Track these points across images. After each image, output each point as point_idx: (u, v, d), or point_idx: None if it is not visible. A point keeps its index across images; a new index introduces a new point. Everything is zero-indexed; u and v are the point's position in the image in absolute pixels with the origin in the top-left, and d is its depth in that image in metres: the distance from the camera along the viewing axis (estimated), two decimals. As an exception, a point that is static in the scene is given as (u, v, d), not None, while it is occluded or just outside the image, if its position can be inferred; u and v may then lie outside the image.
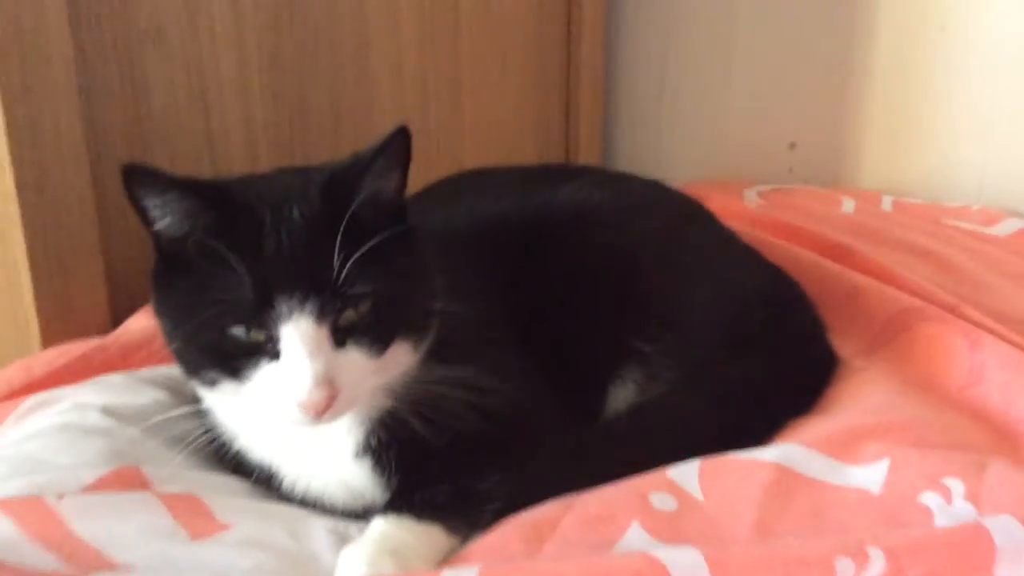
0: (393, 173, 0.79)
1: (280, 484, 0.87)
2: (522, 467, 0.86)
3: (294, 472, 0.87)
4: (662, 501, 0.83)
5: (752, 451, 0.88)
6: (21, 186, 0.98)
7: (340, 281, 0.74)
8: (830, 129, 1.80)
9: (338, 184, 0.78)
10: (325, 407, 0.74)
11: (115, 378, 0.96)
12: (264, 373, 0.75)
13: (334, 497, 0.87)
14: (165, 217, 0.76)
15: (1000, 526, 0.70)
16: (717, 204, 1.53)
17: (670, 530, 0.80)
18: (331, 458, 0.85)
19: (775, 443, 0.92)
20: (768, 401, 0.97)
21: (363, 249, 0.74)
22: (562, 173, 1.12)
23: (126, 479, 0.82)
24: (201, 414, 0.87)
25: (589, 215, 1.02)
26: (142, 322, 1.06)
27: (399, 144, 0.78)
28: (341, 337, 0.76)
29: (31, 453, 0.84)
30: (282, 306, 0.74)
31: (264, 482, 0.88)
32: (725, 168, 1.90)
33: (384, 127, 1.41)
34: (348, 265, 0.74)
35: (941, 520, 0.78)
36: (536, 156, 1.80)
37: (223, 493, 0.85)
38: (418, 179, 1.51)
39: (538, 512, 0.82)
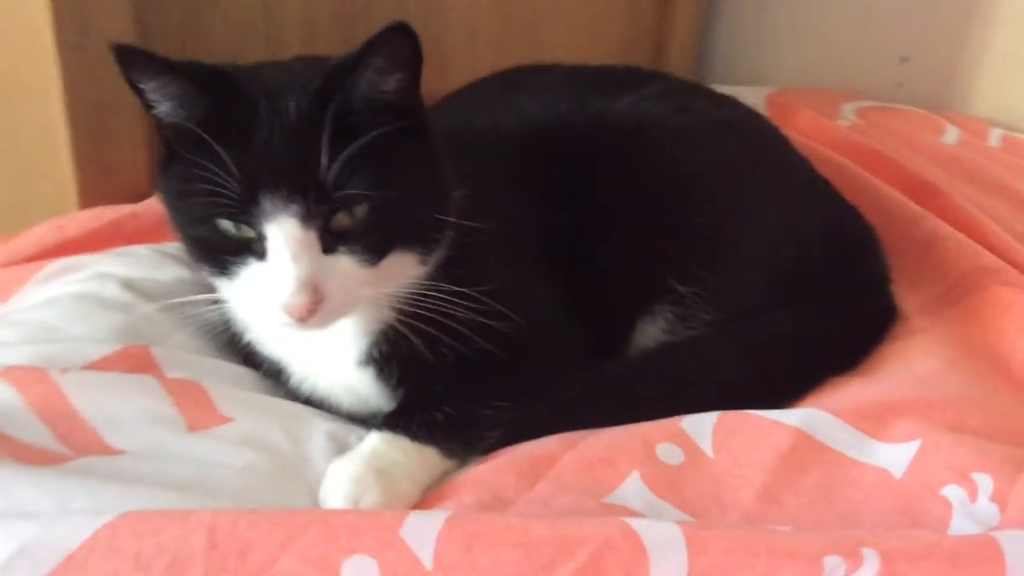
0: (392, 74, 0.73)
1: (288, 381, 0.86)
2: (531, 397, 0.83)
3: (301, 371, 0.86)
4: (669, 453, 0.80)
5: (776, 412, 0.83)
6: (61, 44, 0.95)
7: (328, 182, 0.70)
8: (946, 46, 1.65)
9: (333, 80, 0.72)
10: (308, 312, 0.71)
11: (140, 250, 0.95)
12: (251, 272, 0.73)
13: (340, 400, 0.86)
14: (161, 102, 0.73)
15: (1015, 543, 0.64)
16: (806, 119, 1.45)
17: (670, 485, 0.77)
18: (336, 363, 0.84)
19: (804, 404, 0.87)
20: (807, 355, 0.91)
21: (351, 149, 0.70)
22: (628, 78, 1.04)
23: (134, 359, 0.82)
24: (218, 300, 0.86)
25: (646, 132, 0.95)
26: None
27: (395, 43, 0.71)
28: (332, 242, 0.72)
29: (45, 320, 0.85)
30: (266, 203, 0.70)
31: (273, 376, 0.87)
32: (829, 76, 1.77)
33: (454, 13, 1.37)
34: (337, 165, 0.70)
35: (959, 519, 0.73)
36: (622, 50, 1.70)
37: (230, 384, 0.84)
38: (494, 65, 1.44)
39: (538, 446, 0.80)
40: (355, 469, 0.75)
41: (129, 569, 0.59)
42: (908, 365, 0.92)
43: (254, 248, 0.72)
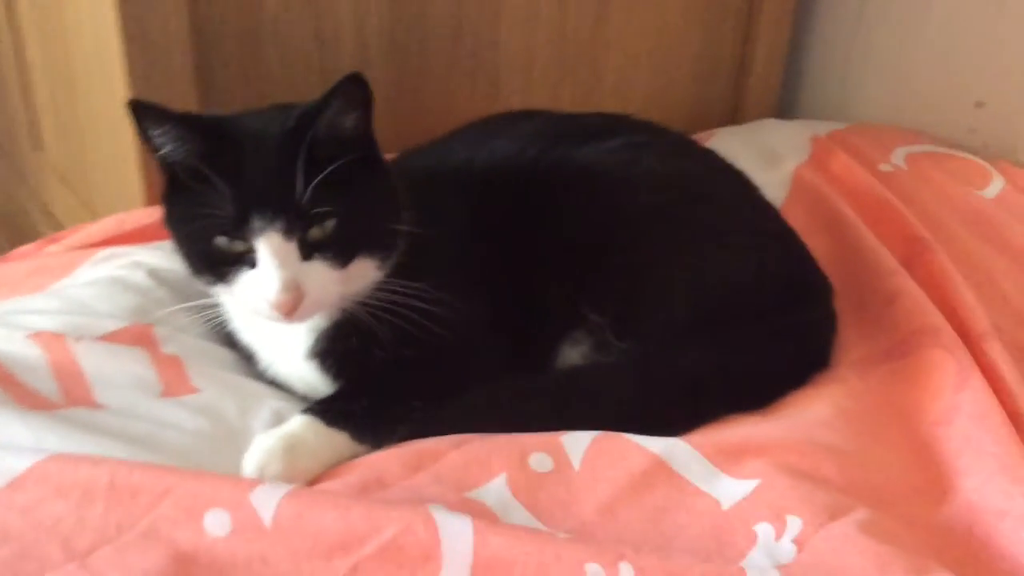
0: (350, 113, 0.91)
1: (257, 365, 1.05)
2: (444, 401, 0.98)
3: (267, 358, 1.04)
4: (540, 462, 0.92)
5: (648, 438, 0.93)
6: (132, 75, 1.17)
7: (303, 202, 0.88)
8: (1022, 93, 1.63)
9: (304, 120, 0.90)
10: (292, 308, 0.90)
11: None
12: (245, 279, 0.92)
13: (294, 385, 1.04)
14: (165, 145, 0.92)
15: (764, 578, 0.73)
16: (840, 164, 1.50)
17: (529, 490, 0.89)
18: (291, 354, 1.02)
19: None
20: (706, 392, 1.00)
21: (321, 176, 0.87)
22: (603, 129, 1.14)
23: (138, 335, 1.03)
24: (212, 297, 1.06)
25: (590, 178, 1.07)
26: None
27: (351, 90, 0.90)
28: (308, 251, 0.90)
29: (81, 297, 1.07)
30: (256, 221, 0.89)
31: (247, 360, 1.06)
32: (907, 116, 1.79)
33: (509, 40, 1.51)
34: (310, 189, 0.88)
35: (756, 553, 0.81)
36: (695, 81, 1.76)
37: (208, 363, 1.04)
38: (548, 93, 1.54)
39: (431, 442, 0.94)
40: (271, 443, 0.92)
41: (52, 496, 0.79)
42: (803, 411, 1.00)
43: (246, 259, 0.90)
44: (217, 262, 0.93)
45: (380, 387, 0.98)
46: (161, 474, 0.80)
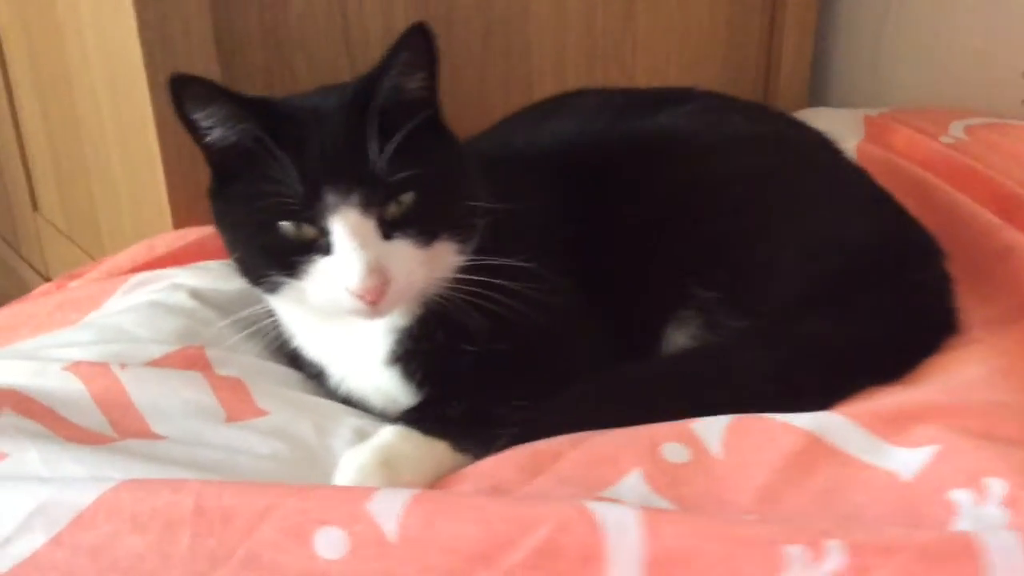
0: (415, 72, 0.81)
1: (327, 382, 0.93)
2: (549, 396, 0.86)
3: (338, 372, 0.92)
4: (675, 452, 0.80)
5: (790, 415, 0.82)
6: (154, 86, 1.07)
7: (379, 172, 0.78)
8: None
9: (366, 85, 0.81)
10: (378, 294, 0.78)
11: (213, 264, 1.05)
12: (319, 267, 0.80)
13: (371, 399, 0.91)
14: (214, 128, 0.81)
15: (999, 543, 0.61)
16: (903, 138, 1.41)
17: (669, 482, 0.77)
18: (367, 363, 0.90)
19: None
20: (841, 363, 0.89)
21: (395, 140, 0.78)
22: (668, 98, 1.05)
23: (190, 358, 0.91)
24: (270, 310, 0.94)
25: (674, 145, 0.97)
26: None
27: (416, 43, 0.80)
28: (388, 230, 0.80)
29: (119, 324, 0.95)
30: (329, 197, 0.78)
31: (315, 378, 0.94)
32: (948, 95, 1.70)
33: (540, 42, 1.43)
34: (385, 156, 0.78)
35: (962, 522, 0.69)
36: (723, 77, 1.69)
37: (271, 382, 0.91)
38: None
39: (545, 444, 0.82)
40: (363, 459, 0.79)
41: (128, 530, 0.65)
42: (951, 374, 0.89)
43: (317, 245, 0.79)
44: (284, 253, 0.81)
45: (476, 388, 0.86)
46: (257, 492, 0.67)
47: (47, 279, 1.65)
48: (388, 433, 0.82)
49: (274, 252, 0.82)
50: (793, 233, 0.95)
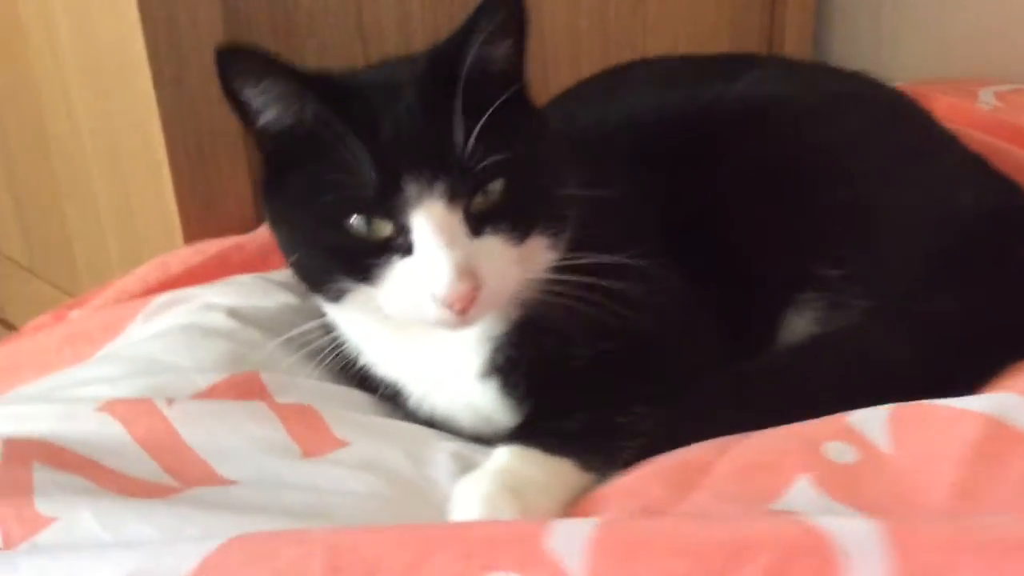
0: (502, 40, 0.70)
1: (406, 402, 0.80)
2: (672, 399, 0.75)
3: (420, 390, 0.79)
4: (839, 451, 0.69)
5: (957, 399, 0.72)
6: (159, 81, 0.94)
7: (466, 157, 0.67)
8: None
9: (444, 56, 0.70)
10: (468, 301, 0.66)
11: (245, 279, 0.91)
12: (398, 271, 0.68)
13: (460, 419, 0.79)
14: (268, 108, 0.70)
15: None
16: (944, 105, 1.33)
17: (846, 486, 0.66)
18: (457, 377, 0.77)
19: (986, 392, 0.75)
20: (983, 339, 0.80)
21: (483, 120, 0.66)
22: (743, 63, 0.96)
23: (243, 386, 0.77)
24: (328, 325, 0.81)
25: (771, 111, 0.87)
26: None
27: (503, 7, 0.69)
28: (476, 225, 0.68)
29: (151, 353, 0.81)
30: (410, 187, 0.66)
31: (390, 399, 0.81)
32: (958, 66, 1.64)
33: (553, 27, 1.33)
34: (472, 139, 0.67)
35: None
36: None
37: (343, 407, 0.78)
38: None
39: (687, 454, 0.71)
40: (486, 487, 0.67)
41: (245, 598, 0.52)
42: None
43: (394, 245, 0.68)
44: (354, 255, 0.69)
45: (588, 397, 0.74)
46: (398, 539, 0.55)
47: (6, 324, 1.48)
48: (504, 456, 0.70)
49: (342, 253, 0.70)
50: (908, 200, 0.86)
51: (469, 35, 0.69)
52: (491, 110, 0.67)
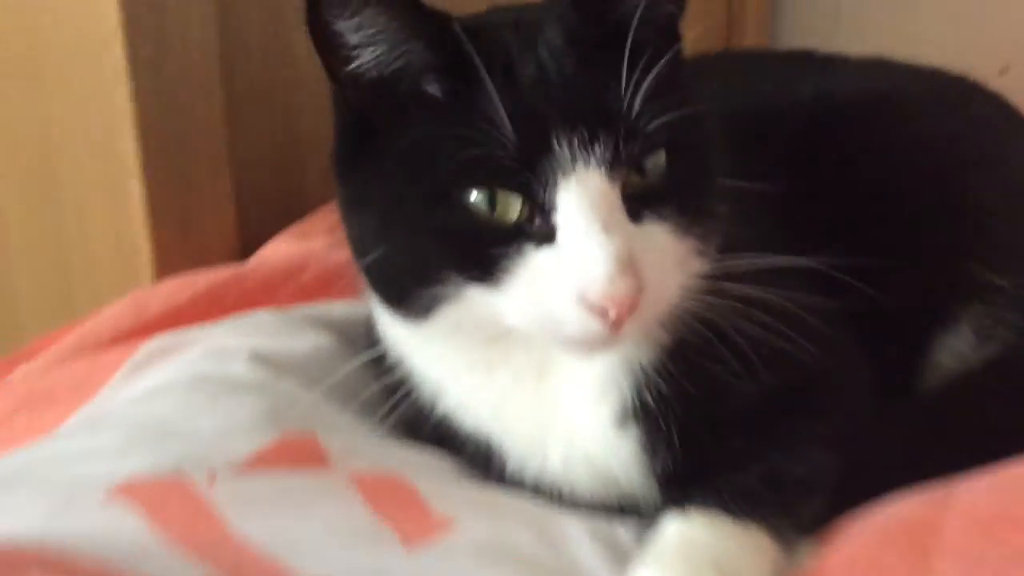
0: None
1: (503, 466, 0.61)
2: (847, 441, 0.60)
3: (523, 447, 0.61)
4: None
5: None
6: (134, 59, 0.72)
7: (633, 113, 0.52)
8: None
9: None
10: (629, 308, 0.50)
11: (262, 316, 0.71)
12: (533, 265, 0.52)
13: (579, 484, 0.61)
14: (370, 46, 0.53)
15: None
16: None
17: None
18: (582, 427, 0.60)
19: None
20: None
21: (653, 73, 0.52)
22: (805, 58, 0.85)
23: (298, 451, 0.58)
24: (385, 366, 0.62)
25: (891, 101, 0.76)
26: (284, 249, 0.82)
27: None
28: (636, 207, 0.53)
29: (159, 417, 0.60)
30: (563, 149, 0.51)
31: (480, 462, 0.62)
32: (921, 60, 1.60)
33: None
34: (640, 94, 0.52)
35: None
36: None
37: (430, 475, 0.59)
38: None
39: (900, 512, 0.57)
40: (679, 569, 0.49)
41: None
42: None
43: (528, 229, 0.52)
44: (474, 244, 0.52)
45: (758, 444, 0.59)
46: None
47: None
48: (680, 527, 0.54)
49: (457, 241, 0.53)
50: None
51: None
52: (661, 65, 0.52)
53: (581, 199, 0.50)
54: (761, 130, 0.72)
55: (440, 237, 0.53)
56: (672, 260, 0.54)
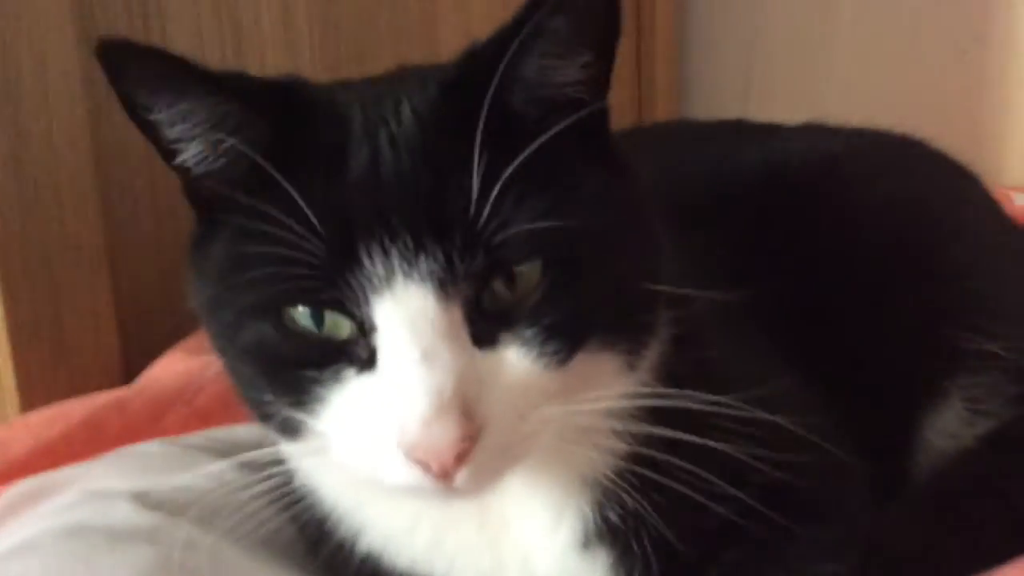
0: (576, 52, 0.47)
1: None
2: (855, 539, 0.54)
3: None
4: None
5: None
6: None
7: (481, 218, 0.44)
8: (962, 117, 1.50)
9: (476, 66, 0.47)
10: (458, 457, 0.42)
11: (148, 447, 0.61)
12: (349, 394, 0.45)
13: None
14: (190, 140, 0.47)
15: None
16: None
17: None
18: (537, 554, 0.51)
19: None
20: None
21: (514, 166, 0.44)
22: (741, 127, 0.80)
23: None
24: (296, 497, 0.52)
25: (844, 166, 0.71)
26: (175, 368, 0.72)
27: (586, 6, 0.46)
28: (489, 328, 0.45)
29: (21, 579, 0.48)
30: (373, 262, 0.43)
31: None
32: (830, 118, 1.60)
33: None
34: (495, 191, 0.44)
35: None
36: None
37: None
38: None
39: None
40: None
41: None
42: None
43: (350, 351, 0.45)
44: (292, 364, 0.46)
45: (754, 562, 0.51)
46: None
47: None
48: None
49: (275, 362, 0.46)
50: (1012, 262, 0.71)
51: (519, 42, 0.45)
52: (532, 147, 0.44)
53: (396, 320, 0.43)
54: (711, 209, 0.66)
55: (260, 357, 0.46)
56: (535, 393, 0.45)
